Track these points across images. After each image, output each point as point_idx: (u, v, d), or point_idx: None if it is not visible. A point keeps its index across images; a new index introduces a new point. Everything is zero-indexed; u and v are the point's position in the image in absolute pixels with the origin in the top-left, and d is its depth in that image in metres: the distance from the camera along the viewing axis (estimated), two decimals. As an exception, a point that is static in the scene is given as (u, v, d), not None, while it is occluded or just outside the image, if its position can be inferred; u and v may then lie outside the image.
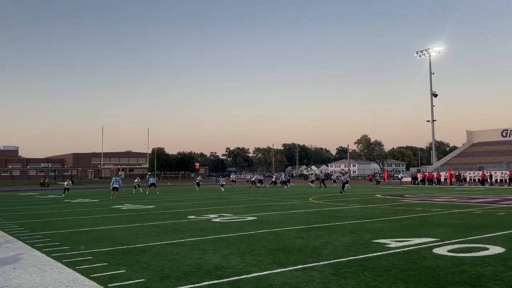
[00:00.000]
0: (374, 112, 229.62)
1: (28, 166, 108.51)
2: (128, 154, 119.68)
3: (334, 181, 47.10)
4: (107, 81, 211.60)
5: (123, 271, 7.20)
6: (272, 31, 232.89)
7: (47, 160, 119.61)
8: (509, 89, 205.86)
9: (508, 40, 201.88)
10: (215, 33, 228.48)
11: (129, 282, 6.45)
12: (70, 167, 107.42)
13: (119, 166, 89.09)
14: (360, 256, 8.23)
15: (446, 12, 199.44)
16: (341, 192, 31.09)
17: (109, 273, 7.04)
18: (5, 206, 23.43)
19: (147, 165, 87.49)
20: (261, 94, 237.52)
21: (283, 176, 50.83)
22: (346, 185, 32.98)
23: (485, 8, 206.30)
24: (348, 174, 41.64)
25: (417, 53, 68.36)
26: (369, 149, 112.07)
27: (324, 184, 44.93)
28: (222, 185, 40.82)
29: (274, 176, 54.08)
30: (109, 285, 6.28)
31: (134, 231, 12.42)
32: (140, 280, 6.58)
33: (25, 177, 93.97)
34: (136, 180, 37.95)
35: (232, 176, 53.35)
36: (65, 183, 35.59)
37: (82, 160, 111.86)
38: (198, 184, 43.14)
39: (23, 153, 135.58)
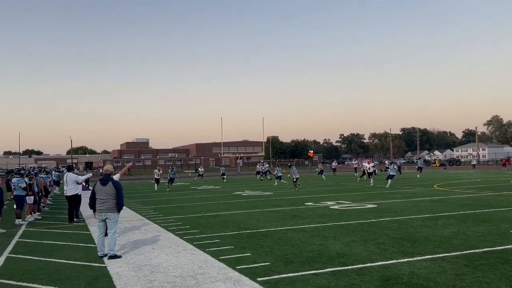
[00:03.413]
0: (506, 89, 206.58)
1: (157, 156, 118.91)
2: (245, 143, 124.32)
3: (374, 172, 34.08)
4: (223, 73, 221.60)
5: (249, 254, 7.52)
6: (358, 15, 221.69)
7: (173, 150, 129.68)
8: None
9: None
10: (328, 16, 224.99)
11: (255, 265, 6.72)
12: (194, 156, 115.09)
13: (237, 155, 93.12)
14: (498, 248, 7.52)
15: None
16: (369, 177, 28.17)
17: (235, 255, 7.41)
18: (140, 192, 25.98)
19: (262, 153, 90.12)
20: (374, 76, 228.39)
21: (320, 166, 37.40)
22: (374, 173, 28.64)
23: None
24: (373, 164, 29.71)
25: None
26: (502, 131, 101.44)
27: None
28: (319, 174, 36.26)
29: (259, 167, 42.11)
30: (237, 267, 6.60)
31: (255, 216, 12.88)
32: (265, 263, 6.81)
33: (155, 166, 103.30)
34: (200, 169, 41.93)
35: (334, 164, 47.83)
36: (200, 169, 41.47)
37: (204, 149, 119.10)
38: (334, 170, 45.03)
39: (153, 144, 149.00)
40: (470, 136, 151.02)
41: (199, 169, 42.38)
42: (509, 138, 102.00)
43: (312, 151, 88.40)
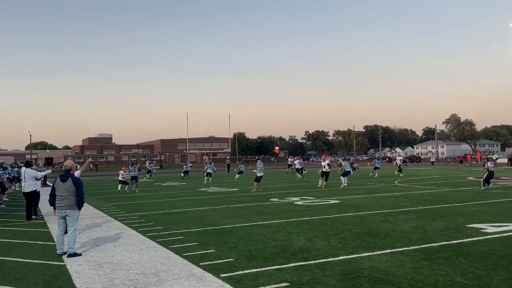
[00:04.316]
0: (464, 89, 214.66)
1: (121, 152, 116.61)
2: (211, 139, 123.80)
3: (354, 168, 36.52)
4: (189, 70, 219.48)
5: (213, 250, 7.50)
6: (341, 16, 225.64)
7: (137, 146, 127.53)
8: None
9: None
10: (296, 17, 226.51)
11: (219, 261, 6.70)
12: (159, 152, 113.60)
13: (203, 151, 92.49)
14: (454, 242, 7.81)
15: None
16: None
17: (199, 252, 7.37)
18: (103, 189, 25.43)
19: (229, 150, 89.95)
20: (339, 76, 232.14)
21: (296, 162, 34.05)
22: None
23: None
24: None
25: (514, 22, 62.45)
26: (459, 129, 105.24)
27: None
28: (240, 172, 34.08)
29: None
30: (200, 263, 6.57)
31: (220, 212, 12.85)
32: (229, 259, 6.81)
33: (119, 162, 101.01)
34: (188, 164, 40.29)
35: (289, 160, 46.15)
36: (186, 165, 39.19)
37: (169, 145, 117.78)
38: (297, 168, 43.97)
39: (116, 140, 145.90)
40: (430, 134, 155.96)
41: (188, 164, 40.50)
42: (466, 136, 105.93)
43: (278, 148, 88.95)
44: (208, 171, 29.29)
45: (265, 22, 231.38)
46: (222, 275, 5.92)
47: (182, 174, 36.83)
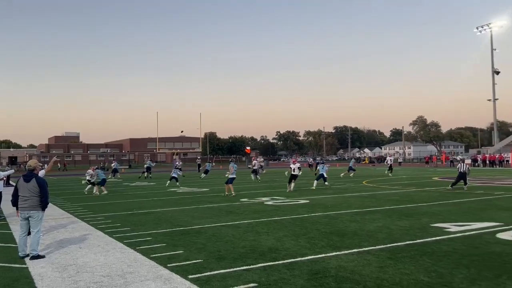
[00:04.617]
0: (431, 92, 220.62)
1: (88, 151, 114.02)
2: (182, 139, 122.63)
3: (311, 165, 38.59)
4: (160, 68, 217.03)
5: (181, 251, 7.43)
6: (320, 17, 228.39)
7: (106, 145, 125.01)
8: None
9: None
10: (267, 16, 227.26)
11: (187, 262, 6.65)
12: (128, 151, 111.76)
13: (173, 151, 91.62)
14: (418, 241, 8.00)
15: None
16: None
17: (167, 253, 7.29)
18: (69, 189, 24.81)
19: (200, 149, 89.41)
20: (311, 76, 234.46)
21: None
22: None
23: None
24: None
25: (477, 28, 64.66)
26: (425, 131, 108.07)
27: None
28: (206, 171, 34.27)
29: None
30: (168, 265, 6.50)
31: (190, 213, 12.76)
32: (198, 260, 6.76)
33: (86, 162, 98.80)
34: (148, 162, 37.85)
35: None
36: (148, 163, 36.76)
37: (138, 145, 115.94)
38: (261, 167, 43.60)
39: (84, 139, 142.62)
40: (397, 135, 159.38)
41: (148, 162, 38.38)
42: (432, 138, 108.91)
43: (249, 148, 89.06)
44: (173, 175, 28.33)
45: (236, 21, 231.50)
46: (190, 276, 5.88)
47: (145, 174, 35.32)
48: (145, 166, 36.72)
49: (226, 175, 18.91)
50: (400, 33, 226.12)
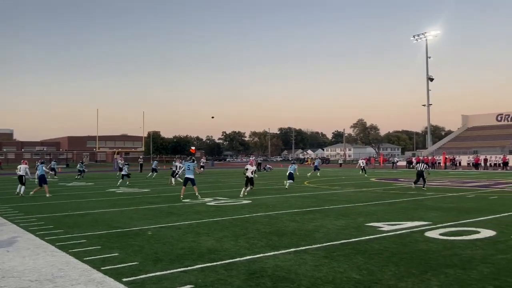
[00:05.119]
0: (371, 96, 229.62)
1: (23, 150, 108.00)
2: (124, 138, 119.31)
3: (265, 169, 42.72)
4: (102, 64, 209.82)
5: (117, 254, 7.22)
6: (269, 18, 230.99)
7: (41, 143, 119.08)
8: (504, 74, 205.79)
9: (502, 25, 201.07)
10: (213, 16, 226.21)
11: (122, 265, 6.47)
12: (65, 150, 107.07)
13: (115, 150, 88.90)
14: (353, 240, 8.29)
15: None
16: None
17: (102, 256, 7.06)
18: (0, 189, 23.36)
19: (142, 149, 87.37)
20: (257, 78, 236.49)
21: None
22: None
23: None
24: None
25: (413, 36, 68.07)
26: (365, 133, 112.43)
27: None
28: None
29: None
30: (102, 268, 6.29)
31: (128, 214, 12.44)
32: (133, 263, 6.60)
33: (20, 160, 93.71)
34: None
35: (202, 161, 45.59)
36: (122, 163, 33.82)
37: (77, 143, 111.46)
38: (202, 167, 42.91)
39: (18, 136, 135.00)
40: (339, 137, 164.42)
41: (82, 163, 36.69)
42: (371, 140, 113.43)
43: (194, 148, 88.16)
44: (123, 173, 27.69)
45: (177, 17, 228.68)
46: (124, 279, 5.73)
47: (77, 176, 33.83)
48: (152, 167, 34.36)
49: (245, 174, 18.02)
50: (344, 38, 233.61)
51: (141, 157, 57.76)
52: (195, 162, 18.42)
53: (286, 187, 21.45)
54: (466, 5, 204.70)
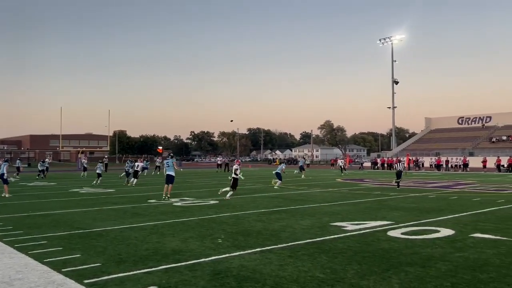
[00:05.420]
0: (338, 98, 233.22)
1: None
2: (89, 137, 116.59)
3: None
4: (66, 62, 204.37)
5: (78, 255, 7.05)
6: (239, 18, 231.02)
7: (2, 141, 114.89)
8: (466, 79, 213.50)
9: (465, 29, 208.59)
10: (180, 14, 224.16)
11: (84, 266, 6.32)
12: (27, 149, 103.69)
13: (79, 149, 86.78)
14: (318, 239, 8.40)
15: (409, 0, 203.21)
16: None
17: (63, 257, 6.87)
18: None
19: (108, 148, 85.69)
20: (226, 78, 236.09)
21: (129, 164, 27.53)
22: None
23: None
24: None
25: (380, 40, 69.55)
26: (332, 135, 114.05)
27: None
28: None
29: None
30: (62, 270, 6.13)
31: (92, 215, 12.16)
32: (96, 264, 6.46)
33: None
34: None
35: (158, 161, 44.05)
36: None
37: (39, 142, 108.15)
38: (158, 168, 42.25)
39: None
40: (306, 138, 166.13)
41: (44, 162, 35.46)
42: (337, 141, 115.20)
43: (161, 148, 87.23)
44: (97, 171, 26.99)
45: (145, 15, 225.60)
46: (86, 281, 5.60)
47: (38, 175, 33.06)
48: (141, 166, 33.23)
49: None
50: (313, 40, 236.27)
51: (106, 156, 56.65)
52: (174, 158, 17.86)
53: (276, 186, 22.47)
54: (431, 11, 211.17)
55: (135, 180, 24.97)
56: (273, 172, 24.44)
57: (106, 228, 9.78)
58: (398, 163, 24.29)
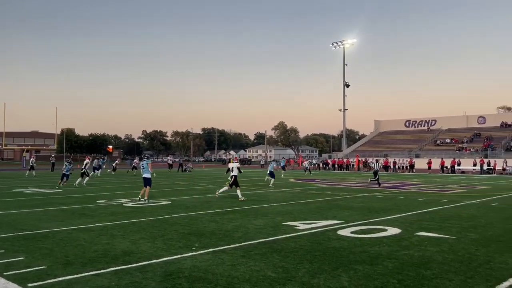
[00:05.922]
0: (292, 100, 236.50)
1: None
2: (35, 135, 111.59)
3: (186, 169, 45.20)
4: (12, 57, 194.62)
5: (22, 258, 6.75)
6: (190, 17, 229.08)
7: None
8: (413, 83, 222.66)
9: (414, 35, 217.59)
10: (142, 15, 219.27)
11: (28, 269, 6.06)
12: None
13: (23, 147, 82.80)
14: (270, 238, 8.48)
15: (361, 5, 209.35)
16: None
17: (5, 260, 6.56)
18: None
19: (55, 147, 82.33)
20: (181, 77, 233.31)
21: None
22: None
23: (395, 4, 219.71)
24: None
25: (332, 44, 71.16)
26: (285, 135, 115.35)
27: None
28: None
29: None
30: (4, 273, 5.84)
31: (37, 216, 11.66)
32: (41, 267, 6.20)
33: None
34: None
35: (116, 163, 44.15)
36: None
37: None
38: (114, 169, 41.18)
39: None
40: (260, 139, 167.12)
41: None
42: (291, 142, 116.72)
43: (111, 147, 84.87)
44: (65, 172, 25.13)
45: (104, 14, 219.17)
46: (30, 284, 5.37)
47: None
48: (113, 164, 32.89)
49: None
50: (269, 42, 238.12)
51: (53, 155, 54.45)
52: (150, 159, 16.86)
53: (270, 185, 23.48)
54: (381, 17, 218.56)
55: (87, 178, 24.28)
56: (267, 172, 25.59)
57: (52, 230, 9.41)
58: (375, 163, 25.68)
